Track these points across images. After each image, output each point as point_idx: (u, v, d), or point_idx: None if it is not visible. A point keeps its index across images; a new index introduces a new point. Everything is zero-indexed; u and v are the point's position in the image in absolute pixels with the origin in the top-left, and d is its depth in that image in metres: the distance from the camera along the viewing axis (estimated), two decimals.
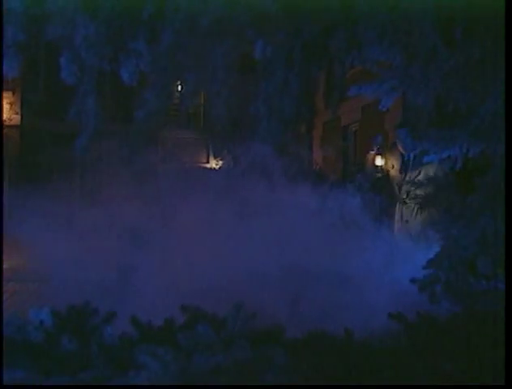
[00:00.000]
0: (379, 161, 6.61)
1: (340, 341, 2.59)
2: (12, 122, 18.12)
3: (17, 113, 18.24)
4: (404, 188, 5.97)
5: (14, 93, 17.93)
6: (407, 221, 5.96)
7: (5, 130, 17.78)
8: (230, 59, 3.67)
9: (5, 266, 7.62)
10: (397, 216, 5.96)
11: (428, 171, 5.96)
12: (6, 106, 17.93)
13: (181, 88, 4.72)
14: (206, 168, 17.49)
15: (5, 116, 17.94)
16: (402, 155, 6.12)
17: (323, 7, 3.78)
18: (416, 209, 6.02)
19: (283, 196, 5.44)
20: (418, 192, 5.96)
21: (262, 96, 3.95)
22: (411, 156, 6.03)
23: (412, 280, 3.58)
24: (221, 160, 16.81)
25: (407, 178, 6.08)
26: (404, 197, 5.96)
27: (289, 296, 4.54)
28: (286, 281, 4.72)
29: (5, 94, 17.73)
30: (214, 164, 17.71)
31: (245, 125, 4.76)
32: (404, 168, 6.08)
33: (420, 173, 5.94)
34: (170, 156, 17.35)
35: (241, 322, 2.48)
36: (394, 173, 6.23)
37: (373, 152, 6.64)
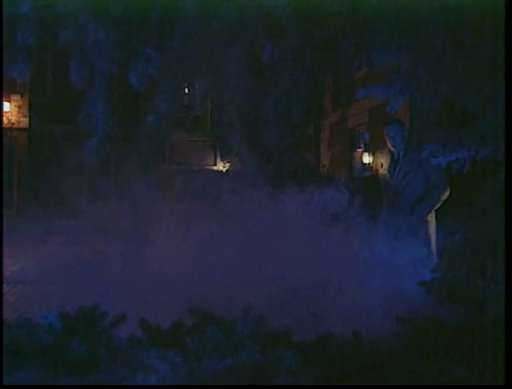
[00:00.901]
0: (366, 159, 6.37)
1: (348, 344, 2.59)
2: (20, 125, 18.23)
3: (25, 116, 18.36)
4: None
5: (22, 96, 18.05)
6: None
7: (13, 133, 17.89)
8: (241, 63, 3.68)
9: (14, 268, 7.67)
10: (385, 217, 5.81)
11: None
12: (14, 109, 18.05)
13: (188, 91, 4.73)
14: (213, 170, 17.54)
15: (13, 119, 18.06)
16: (392, 153, 5.92)
17: (332, 11, 3.78)
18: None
19: (282, 199, 5.41)
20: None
21: (271, 99, 3.95)
22: (401, 154, 5.87)
23: (421, 283, 3.57)
24: (228, 162, 16.85)
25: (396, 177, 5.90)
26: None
27: (292, 299, 4.52)
28: (286, 284, 4.70)
29: (13, 97, 17.86)
30: (221, 166, 17.76)
31: (254, 127, 4.76)
32: (393, 166, 5.90)
33: None
34: (177, 159, 17.40)
35: (250, 324, 2.49)
36: (383, 171, 6.04)
37: (360, 150, 6.38)
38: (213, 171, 17.09)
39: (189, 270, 4.98)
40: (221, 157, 17.88)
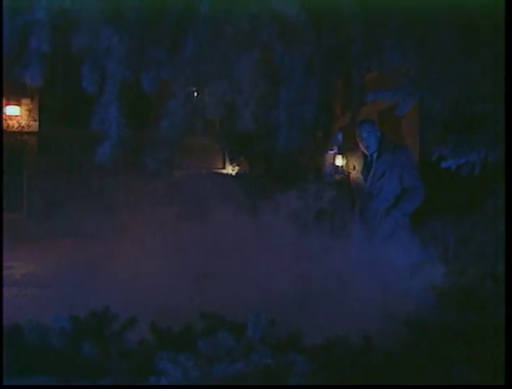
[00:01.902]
0: (340, 161, 6.03)
1: (359, 348, 2.58)
2: (30, 129, 18.30)
3: (35, 120, 18.41)
4: None
5: (32, 100, 18.10)
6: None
7: (23, 137, 17.98)
8: (254, 68, 3.68)
9: (23, 271, 7.70)
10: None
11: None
12: (24, 113, 18.12)
13: (198, 94, 4.73)
14: (222, 173, 17.54)
15: (23, 122, 18.13)
16: (364, 154, 5.75)
17: (344, 15, 3.79)
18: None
19: (287, 202, 5.39)
20: None
21: (282, 104, 3.95)
22: (375, 155, 5.70)
23: (433, 288, 3.55)
24: (237, 165, 16.84)
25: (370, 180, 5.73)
26: None
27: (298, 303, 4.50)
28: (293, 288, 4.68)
29: (23, 101, 17.92)
30: (230, 169, 17.75)
31: (265, 131, 4.74)
32: (367, 168, 5.71)
33: None
34: (186, 162, 17.39)
35: (261, 328, 2.49)
36: (355, 174, 5.81)
37: (332, 152, 5.98)
38: (222, 174, 17.08)
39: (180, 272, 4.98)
40: (230, 160, 17.87)
